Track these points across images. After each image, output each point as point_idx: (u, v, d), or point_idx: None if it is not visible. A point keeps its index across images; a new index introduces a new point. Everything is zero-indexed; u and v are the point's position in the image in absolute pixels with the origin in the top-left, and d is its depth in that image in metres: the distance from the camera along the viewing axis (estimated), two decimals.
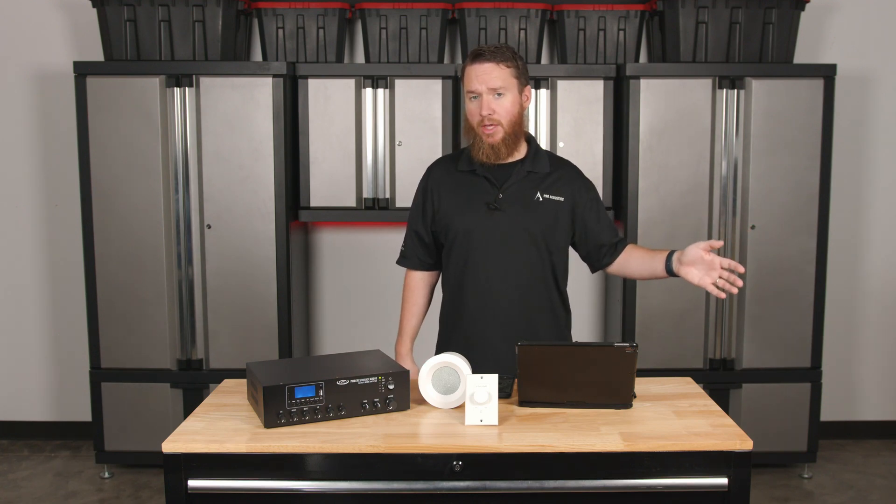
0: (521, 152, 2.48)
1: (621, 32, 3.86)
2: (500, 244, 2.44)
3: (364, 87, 3.79)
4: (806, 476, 3.93)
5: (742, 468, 1.95)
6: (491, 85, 2.36)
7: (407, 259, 2.63)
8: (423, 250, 2.60)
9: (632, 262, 2.50)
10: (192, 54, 3.75)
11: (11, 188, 4.26)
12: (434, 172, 2.58)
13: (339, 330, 4.35)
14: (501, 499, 1.96)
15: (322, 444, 1.93)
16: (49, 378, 4.36)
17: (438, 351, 2.63)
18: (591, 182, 2.55)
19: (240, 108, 3.69)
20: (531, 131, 3.79)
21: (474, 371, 2.34)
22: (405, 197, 3.83)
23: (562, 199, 2.46)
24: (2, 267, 4.31)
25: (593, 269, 2.58)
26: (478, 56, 2.38)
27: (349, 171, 3.83)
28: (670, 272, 2.36)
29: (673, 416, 2.11)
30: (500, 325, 2.47)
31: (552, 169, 2.49)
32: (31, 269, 4.30)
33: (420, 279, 2.64)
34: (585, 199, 2.49)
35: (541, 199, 2.45)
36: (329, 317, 4.36)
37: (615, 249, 2.51)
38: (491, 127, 2.38)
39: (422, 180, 2.60)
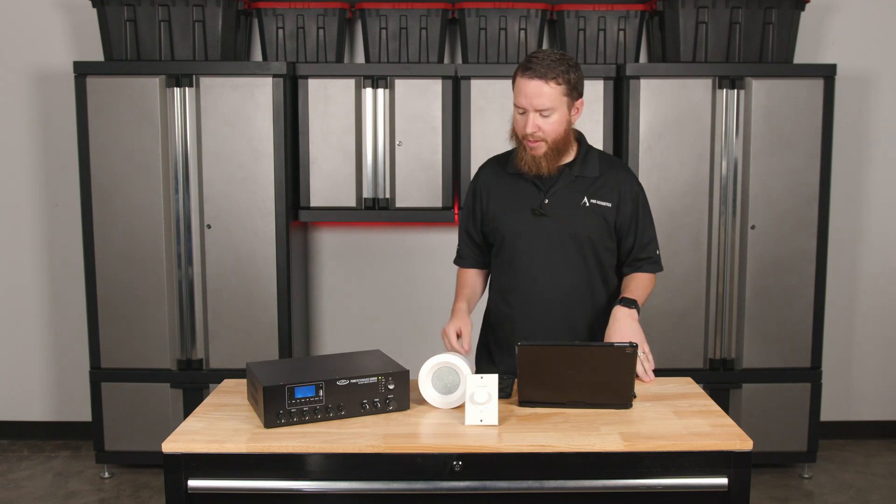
0: (569, 155, 2.44)
1: (621, 32, 3.86)
2: (545, 249, 2.44)
3: (364, 87, 3.79)
4: (806, 476, 3.93)
5: (742, 468, 1.95)
6: (537, 106, 2.30)
7: (463, 259, 2.64)
8: (477, 251, 2.61)
9: (621, 287, 2.56)
10: (192, 54, 3.75)
11: (11, 188, 4.26)
12: (482, 174, 2.57)
13: (339, 330, 4.35)
14: (501, 499, 1.96)
15: (322, 444, 1.93)
16: (49, 378, 4.36)
17: (479, 351, 2.63)
18: (639, 190, 2.50)
19: (240, 108, 3.69)
20: None
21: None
22: (405, 197, 3.83)
23: (609, 204, 2.44)
24: (2, 267, 4.31)
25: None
26: (528, 70, 2.30)
27: (349, 171, 3.83)
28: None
29: (673, 416, 2.11)
30: (544, 329, 2.47)
31: (602, 172, 2.46)
32: (31, 269, 4.30)
33: (475, 273, 2.64)
34: (628, 208, 2.46)
35: (587, 204, 2.43)
36: (329, 316, 4.36)
37: (632, 267, 2.53)
38: (535, 143, 2.35)
39: (472, 182, 2.60)
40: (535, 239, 2.44)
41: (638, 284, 2.49)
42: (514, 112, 2.39)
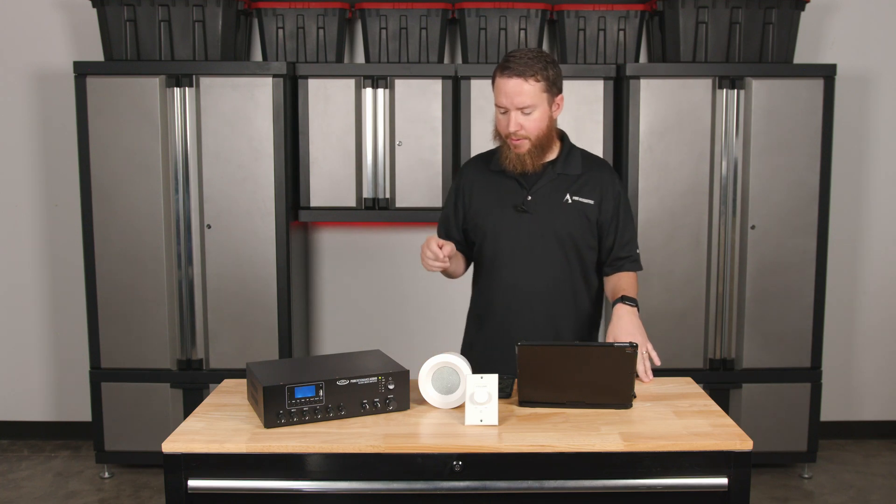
0: (552, 153, 2.47)
1: (621, 32, 3.86)
2: (527, 246, 2.45)
3: (364, 87, 3.79)
4: (806, 476, 3.93)
5: (742, 468, 1.95)
6: (518, 104, 2.32)
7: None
8: (457, 245, 2.59)
9: (608, 286, 2.55)
10: (192, 54, 3.75)
11: (11, 188, 4.26)
12: (466, 172, 2.58)
13: (339, 330, 4.35)
14: (501, 499, 1.96)
15: (322, 444, 1.93)
16: (49, 378, 4.36)
17: (464, 350, 2.63)
18: (620, 188, 2.51)
19: (240, 108, 3.69)
20: None
21: (502, 371, 2.34)
22: (405, 197, 3.83)
23: (591, 201, 2.45)
24: (2, 267, 4.31)
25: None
26: (506, 69, 2.32)
27: (349, 171, 3.84)
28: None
29: (673, 416, 2.11)
30: (526, 326, 2.47)
31: (584, 170, 2.47)
32: (31, 269, 4.30)
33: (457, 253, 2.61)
34: (610, 207, 2.47)
35: (570, 201, 2.44)
36: (329, 317, 4.36)
37: (613, 266, 2.53)
38: (518, 141, 2.37)
39: (455, 179, 2.61)
40: (518, 235, 2.45)
41: (630, 283, 2.50)
42: (495, 112, 2.41)
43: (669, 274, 3.77)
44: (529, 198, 2.44)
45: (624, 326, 2.36)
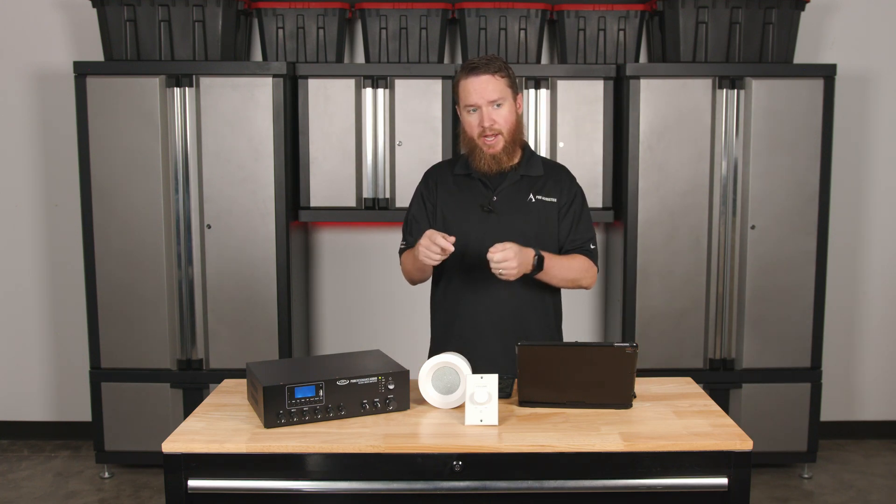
0: (516, 158, 2.54)
1: (621, 32, 3.86)
2: (494, 244, 2.45)
3: (364, 87, 3.79)
4: (806, 476, 3.93)
5: (742, 468, 1.95)
6: (489, 97, 2.41)
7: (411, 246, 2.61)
8: None
9: None
10: (192, 54, 3.75)
11: (11, 188, 4.26)
12: (431, 176, 2.64)
13: (339, 330, 4.35)
14: (501, 499, 1.96)
15: (322, 444, 1.93)
16: (49, 378, 4.36)
17: (433, 352, 2.64)
18: (579, 188, 2.59)
19: (240, 108, 3.69)
20: (531, 132, 3.80)
21: (474, 370, 2.35)
22: (405, 197, 3.83)
23: (553, 199, 2.53)
24: (2, 267, 4.30)
25: None
26: (473, 69, 2.42)
27: (349, 171, 3.83)
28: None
29: (673, 416, 2.11)
30: (493, 326, 2.51)
31: (545, 172, 2.56)
32: (31, 270, 4.30)
33: None
34: (566, 202, 2.54)
35: (533, 200, 2.52)
36: (329, 317, 4.36)
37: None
38: (492, 138, 2.43)
39: (420, 184, 2.65)
40: (484, 236, 2.48)
41: (568, 257, 2.50)
42: (463, 118, 2.47)
43: (669, 274, 3.77)
44: (495, 198, 2.50)
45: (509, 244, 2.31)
